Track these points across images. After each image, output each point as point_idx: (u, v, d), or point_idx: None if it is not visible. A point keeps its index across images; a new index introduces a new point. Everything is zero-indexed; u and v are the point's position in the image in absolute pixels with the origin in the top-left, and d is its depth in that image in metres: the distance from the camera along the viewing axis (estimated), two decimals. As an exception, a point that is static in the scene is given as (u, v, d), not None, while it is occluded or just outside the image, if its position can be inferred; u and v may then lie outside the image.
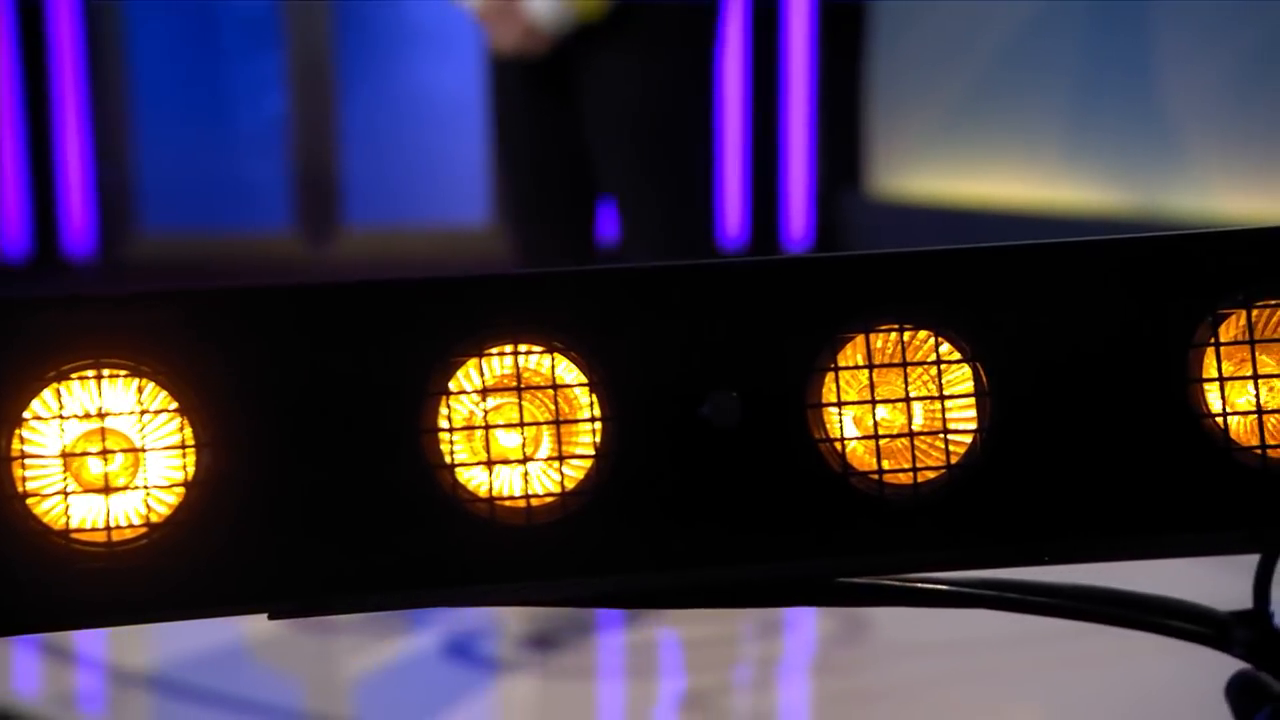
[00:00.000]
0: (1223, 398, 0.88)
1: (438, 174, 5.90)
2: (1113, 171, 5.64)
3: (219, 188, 6.12)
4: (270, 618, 0.87)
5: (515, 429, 1.19)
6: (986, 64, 5.89)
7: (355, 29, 6.05)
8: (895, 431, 1.00)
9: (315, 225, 6.06)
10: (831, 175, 6.17)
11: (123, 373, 1.03)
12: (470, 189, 5.88)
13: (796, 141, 6.11)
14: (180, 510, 1.06)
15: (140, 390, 1.04)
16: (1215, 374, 1.09)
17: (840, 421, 1.27)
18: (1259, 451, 0.87)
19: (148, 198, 5.96)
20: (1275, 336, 0.87)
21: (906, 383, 1.01)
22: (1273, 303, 0.87)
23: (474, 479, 1.17)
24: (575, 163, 2.73)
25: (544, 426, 1.24)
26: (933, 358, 1.00)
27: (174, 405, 1.06)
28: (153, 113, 5.95)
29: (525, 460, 1.20)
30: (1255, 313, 0.87)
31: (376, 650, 2.83)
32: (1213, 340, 0.91)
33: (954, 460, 0.94)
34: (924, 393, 1.02)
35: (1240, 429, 0.86)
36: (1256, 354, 0.88)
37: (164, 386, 1.06)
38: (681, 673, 2.91)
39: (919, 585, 1.01)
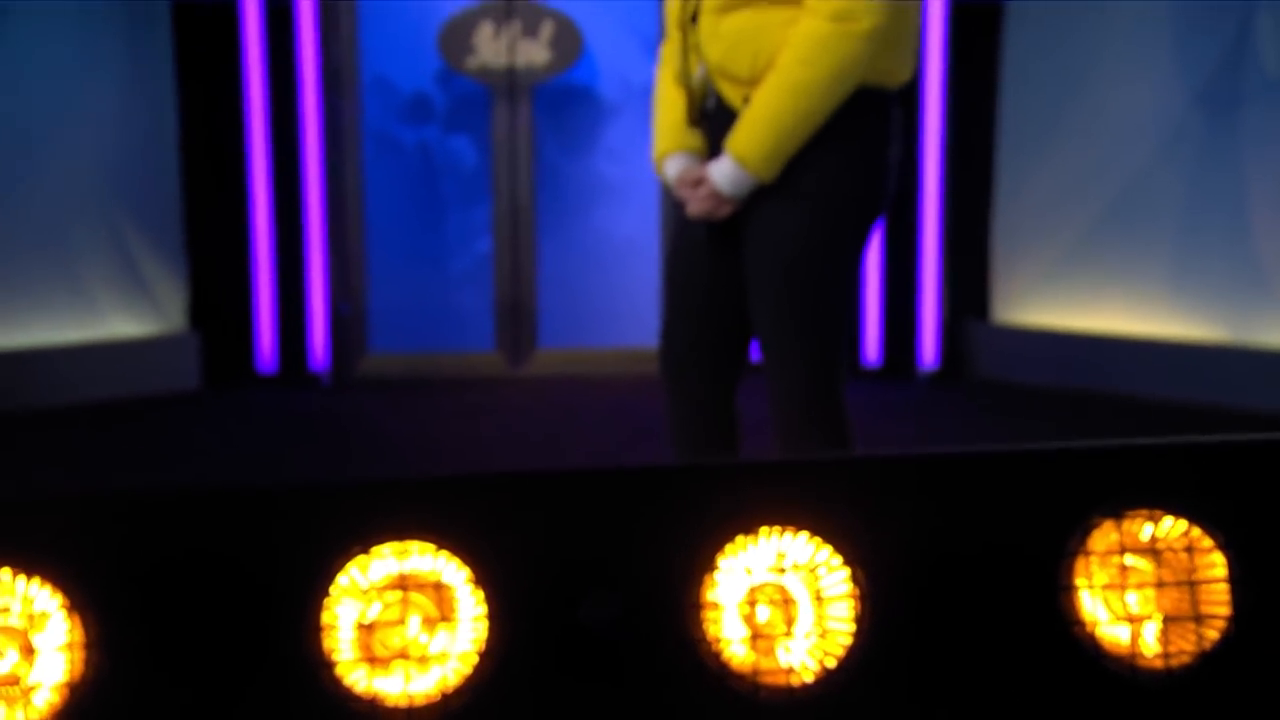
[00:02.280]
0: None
1: (618, 305, 5.88)
2: (1212, 307, 5.41)
3: (434, 315, 6.12)
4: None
5: (399, 628, 1.11)
6: (1100, 209, 5.71)
7: (551, 183, 6.03)
8: None
9: (514, 347, 6.04)
10: (959, 306, 5.98)
11: (10, 571, 0.97)
12: (645, 318, 5.87)
13: (928, 276, 5.93)
14: (63, 714, 0.99)
15: (29, 590, 0.98)
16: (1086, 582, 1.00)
17: (722, 621, 1.15)
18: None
19: (375, 323, 5.99)
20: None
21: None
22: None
23: (357, 679, 1.09)
24: (734, 306, 2.61)
25: (429, 623, 1.16)
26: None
27: (63, 603, 1.00)
28: (382, 253, 5.99)
29: (407, 658, 1.11)
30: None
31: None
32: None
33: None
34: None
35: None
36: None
37: (56, 586, 0.99)
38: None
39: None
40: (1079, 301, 5.76)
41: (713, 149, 2.54)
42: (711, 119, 2.53)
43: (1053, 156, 5.80)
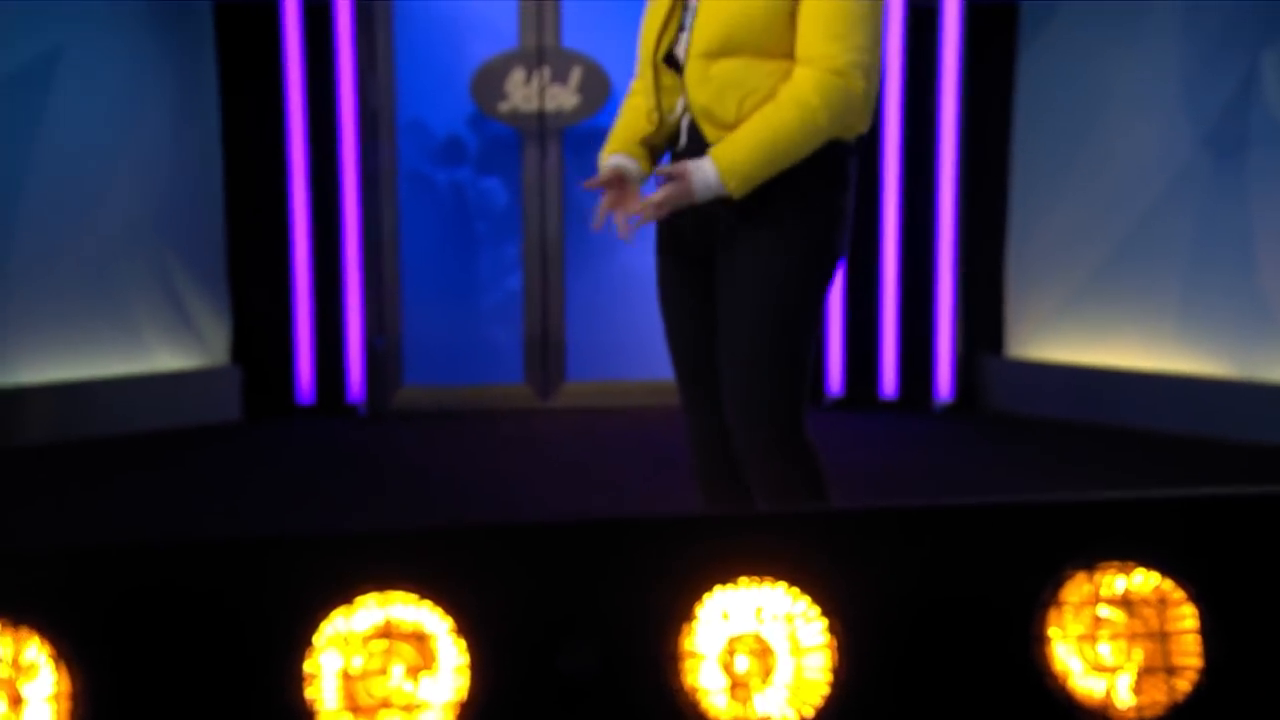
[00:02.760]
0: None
1: (643, 339, 5.83)
2: (1220, 343, 5.39)
3: (466, 349, 6.11)
4: None
5: (382, 677, 1.10)
6: (1110, 247, 5.67)
7: (579, 222, 6.01)
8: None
9: (543, 379, 6.03)
10: (974, 340, 5.94)
11: None
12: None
13: (944, 311, 5.90)
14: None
15: (16, 642, 0.98)
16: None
17: (700, 671, 1.13)
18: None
19: (410, 357, 5.98)
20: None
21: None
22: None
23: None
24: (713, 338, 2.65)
25: (412, 672, 1.14)
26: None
27: (50, 654, 0.99)
28: (416, 289, 5.98)
29: (390, 707, 1.10)
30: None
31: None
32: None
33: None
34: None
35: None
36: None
37: (44, 637, 0.99)
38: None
39: None
40: (1090, 337, 5.71)
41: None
42: (683, 156, 2.55)
43: (1064, 196, 5.76)
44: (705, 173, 2.45)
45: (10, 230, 5.17)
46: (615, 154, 2.63)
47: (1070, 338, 5.77)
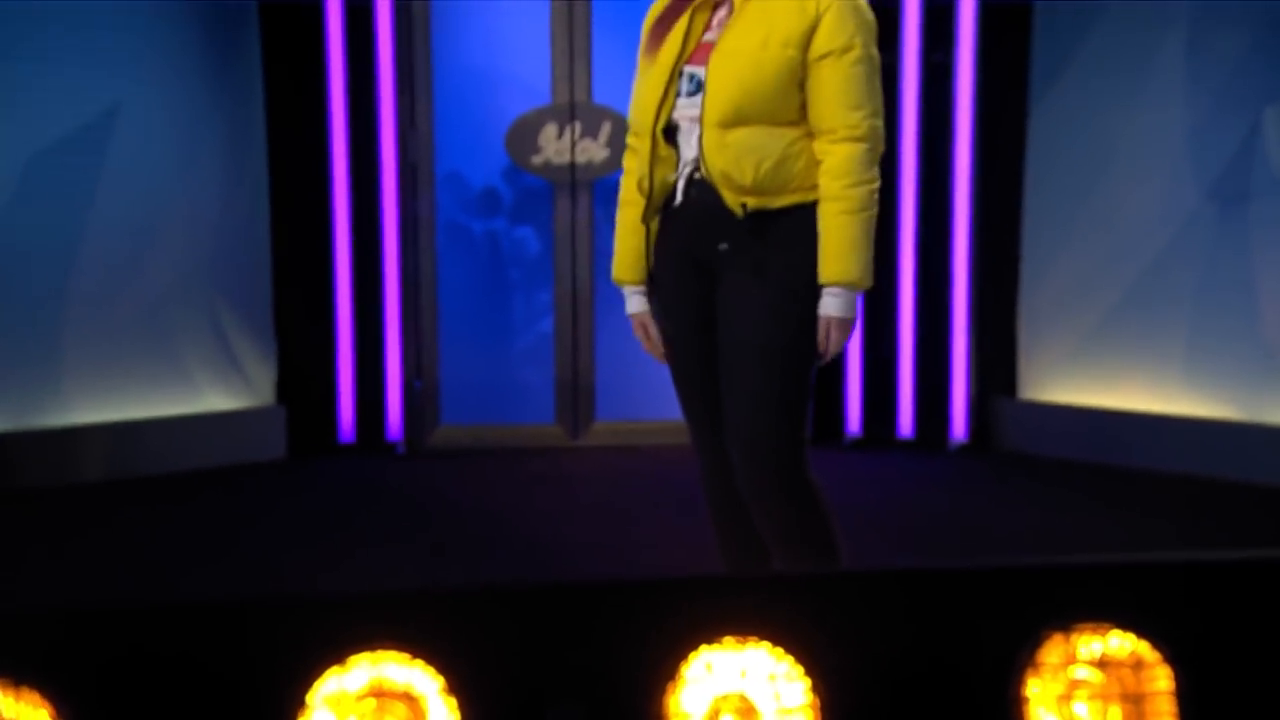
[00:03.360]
0: None
1: (668, 381, 5.84)
2: (1225, 387, 5.34)
3: (500, 390, 6.12)
4: None
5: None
6: (1118, 294, 5.64)
7: (607, 270, 6.02)
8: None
9: (573, 419, 6.04)
10: (988, 383, 5.92)
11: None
12: (694, 393, 5.87)
13: (958, 355, 5.89)
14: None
15: (17, 701, 0.97)
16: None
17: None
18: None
19: (446, 397, 6.00)
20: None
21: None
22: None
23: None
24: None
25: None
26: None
27: (50, 715, 0.98)
28: (453, 332, 6.00)
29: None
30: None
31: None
32: None
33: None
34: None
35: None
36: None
37: (43, 696, 0.97)
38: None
39: None
40: (1100, 380, 5.67)
41: (678, 238, 2.60)
42: (681, 212, 2.59)
43: (1074, 244, 5.74)
44: (835, 301, 2.50)
45: (68, 276, 5.22)
46: (629, 289, 2.73)
47: (1080, 381, 5.73)
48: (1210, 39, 5.27)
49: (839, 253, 2.48)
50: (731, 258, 2.54)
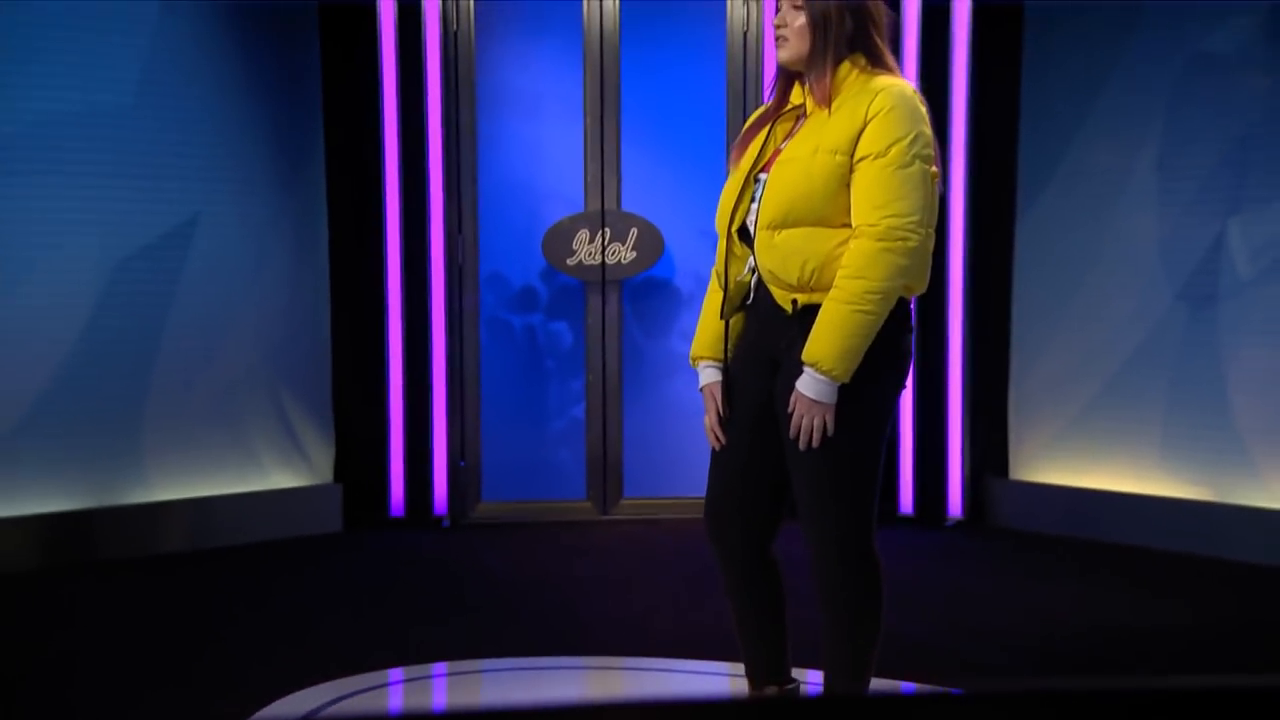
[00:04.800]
0: None
1: (690, 461, 5.80)
2: (1197, 471, 5.48)
3: (537, 469, 6.20)
4: None
5: None
6: (1099, 385, 5.80)
7: (635, 359, 6.16)
8: None
9: (603, 496, 6.17)
10: (981, 464, 6.09)
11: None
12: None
13: (954, 438, 6.08)
14: None
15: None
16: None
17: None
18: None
19: (488, 475, 6.12)
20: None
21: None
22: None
23: None
24: (770, 470, 2.66)
25: None
26: None
27: None
28: (494, 416, 6.11)
29: None
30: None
31: None
32: None
33: None
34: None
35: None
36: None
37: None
38: None
39: None
40: (1083, 462, 5.84)
41: (751, 332, 2.68)
42: (753, 309, 2.66)
43: (1059, 339, 5.91)
44: (809, 381, 2.48)
45: (150, 370, 5.42)
46: (703, 363, 2.73)
47: (1066, 463, 5.90)
48: (1179, 156, 5.49)
49: (818, 336, 2.47)
50: (790, 353, 2.56)
